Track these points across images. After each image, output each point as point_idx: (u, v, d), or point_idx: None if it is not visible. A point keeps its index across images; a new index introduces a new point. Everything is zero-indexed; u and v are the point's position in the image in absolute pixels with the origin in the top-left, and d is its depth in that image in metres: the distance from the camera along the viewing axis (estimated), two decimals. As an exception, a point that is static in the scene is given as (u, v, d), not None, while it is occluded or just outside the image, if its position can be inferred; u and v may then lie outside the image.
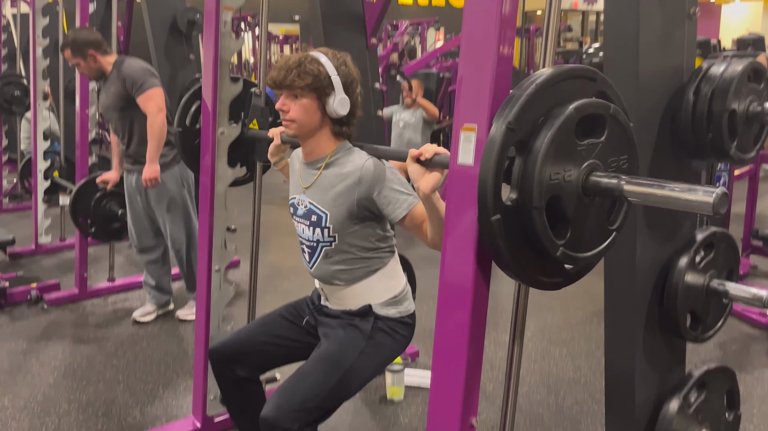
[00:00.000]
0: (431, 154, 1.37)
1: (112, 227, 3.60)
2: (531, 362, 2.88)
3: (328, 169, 1.69)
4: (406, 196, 1.61)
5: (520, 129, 1.06)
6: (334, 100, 1.62)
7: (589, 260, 1.17)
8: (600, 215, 1.16)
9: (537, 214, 1.06)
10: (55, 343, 3.11)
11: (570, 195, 1.09)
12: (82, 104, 3.62)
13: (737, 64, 1.38)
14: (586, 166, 1.10)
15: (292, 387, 1.63)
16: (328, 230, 1.69)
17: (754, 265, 4.04)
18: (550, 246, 1.09)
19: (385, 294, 1.74)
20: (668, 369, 1.66)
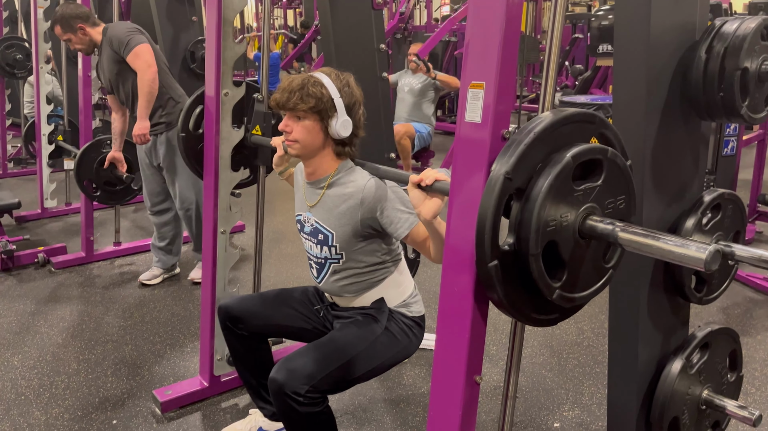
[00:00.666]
0: (431, 180, 1.38)
1: (116, 190, 3.61)
2: (534, 325, 2.90)
3: (331, 189, 1.72)
4: (408, 215, 1.64)
5: (518, 177, 1.08)
6: (336, 122, 1.64)
7: (585, 299, 1.19)
8: (596, 255, 1.18)
9: (534, 261, 1.08)
10: (63, 305, 3.15)
11: (566, 239, 1.11)
12: (85, 67, 3.59)
13: (751, 22, 1.35)
14: (583, 210, 1.11)
15: (306, 355, 1.65)
16: (335, 248, 1.73)
17: (760, 231, 4.03)
18: (547, 290, 1.11)
19: (394, 299, 1.80)
20: (672, 330, 1.66)
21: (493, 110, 1.14)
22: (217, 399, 2.33)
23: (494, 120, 1.14)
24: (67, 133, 4.58)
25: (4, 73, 5.56)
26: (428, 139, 5.60)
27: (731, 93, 1.36)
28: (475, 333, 1.24)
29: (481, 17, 1.16)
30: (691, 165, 1.56)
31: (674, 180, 1.53)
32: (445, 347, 1.30)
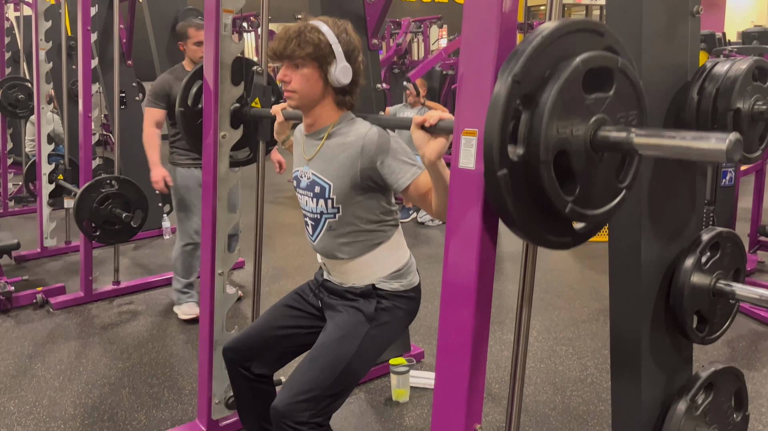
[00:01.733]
0: (436, 119, 1.35)
1: (116, 229, 3.61)
2: (537, 361, 2.86)
3: (331, 139, 1.66)
4: (410, 166, 1.58)
5: (526, 82, 1.03)
6: (335, 69, 1.59)
7: (599, 218, 1.14)
8: (609, 172, 1.13)
9: (545, 169, 1.03)
10: (61, 347, 3.12)
11: (578, 150, 1.06)
12: (85, 107, 3.62)
13: (742, 63, 1.36)
14: (594, 120, 1.07)
15: (299, 377, 1.63)
16: (332, 201, 1.66)
17: (762, 261, 4.01)
18: (559, 203, 1.06)
19: (388, 267, 1.71)
20: (675, 370, 1.64)
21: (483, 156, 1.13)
22: (216, 444, 2.29)
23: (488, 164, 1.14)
24: (67, 171, 4.60)
25: (6, 113, 5.62)
26: (427, 171, 5.63)
27: (725, 133, 1.36)
28: (474, 376, 1.22)
29: (472, 63, 1.17)
30: (689, 203, 1.56)
31: (672, 218, 1.53)
32: (445, 395, 1.28)
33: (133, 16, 4.64)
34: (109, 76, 4.37)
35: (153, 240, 4.96)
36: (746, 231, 3.98)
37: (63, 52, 4.51)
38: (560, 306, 3.49)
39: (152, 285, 3.94)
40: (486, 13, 1.13)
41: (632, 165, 1.15)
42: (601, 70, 1.07)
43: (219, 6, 2.06)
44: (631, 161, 1.15)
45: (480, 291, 1.22)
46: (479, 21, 1.15)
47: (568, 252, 4.51)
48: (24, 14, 6.09)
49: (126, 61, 4.70)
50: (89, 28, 3.61)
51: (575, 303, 3.51)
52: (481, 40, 1.14)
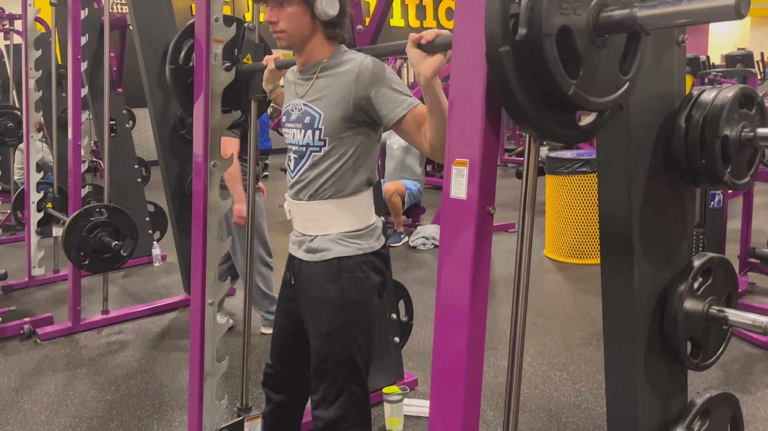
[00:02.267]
0: (432, 35, 1.34)
1: (105, 258, 3.57)
2: (531, 387, 2.84)
3: (324, 72, 1.64)
4: (406, 96, 1.56)
5: None
6: (321, 1, 1.57)
7: (603, 106, 1.12)
8: (613, 62, 1.12)
9: (548, 43, 1.01)
10: (48, 379, 3.07)
11: (581, 31, 1.05)
12: (75, 135, 3.61)
13: (728, 91, 1.38)
14: (597, 1, 1.06)
15: (321, 388, 1.70)
16: (320, 132, 1.62)
17: (753, 282, 4.02)
18: (563, 82, 1.03)
19: (350, 223, 1.67)
20: (670, 396, 1.63)
21: (478, 187, 1.14)
22: (206, 477, 2.24)
23: (480, 196, 1.14)
24: (56, 200, 4.58)
25: (-5, 141, 5.60)
26: (418, 195, 5.64)
27: (713, 160, 1.37)
28: (469, 398, 1.21)
29: (461, 93, 1.18)
30: (680, 229, 1.56)
31: (663, 243, 1.53)
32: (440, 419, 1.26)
33: (123, 44, 4.67)
34: (99, 103, 4.37)
35: (143, 268, 4.93)
36: (736, 252, 3.99)
37: (53, 80, 4.52)
38: (553, 330, 3.48)
39: (142, 314, 3.90)
40: (474, 46, 1.14)
41: (636, 55, 1.14)
42: None
43: (209, 36, 2.06)
44: (635, 49, 1.13)
45: (473, 316, 1.21)
46: (468, 54, 1.15)
47: (560, 276, 4.51)
48: (14, 42, 6.11)
49: (116, 88, 4.71)
50: (79, 57, 3.62)
51: (568, 327, 3.50)
52: (469, 73, 1.15)
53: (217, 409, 2.24)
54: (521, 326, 1.31)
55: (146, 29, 3.85)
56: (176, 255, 4.25)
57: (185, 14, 11.11)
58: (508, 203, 7.12)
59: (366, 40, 2.46)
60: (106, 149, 3.91)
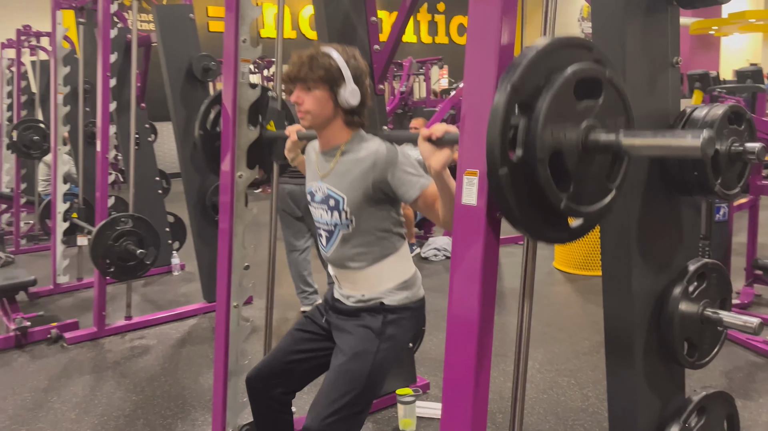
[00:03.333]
0: (441, 132, 1.47)
1: (129, 266, 3.72)
2: (539, 392, 2.94)
3: (344, 156, 1.79)
4: (419, 178, 1.71)
5: (523, 91, 1.15)
6: (345, 91, 1.73)
7: (592, 215, 1.24)
8: (600, 174, 1.24)
9: (541, 167, 1.14)
10: (76, 381, 3.20)
11: (571, 151, 1.17)
12: (103, 147, 3.78)
13: (718, 109, 1.50)
14: (586, 125, 1.18)
15: (324, 400, 1.72)
16: (346, 213, 1.77)
17: (759, 294, 4.10)
18: (554, 198, 1.16)
19: (396, 277, 1.82)
20: (669, 395, 1.73)
21: (488, 194, 1.26)
22: (229, 472, 2.36)
23: (489, 203, 1.27)
24: (81, 210, 4.74)
25: (21, 154, 5.80)
26: (430, 208, 5.75)
27: (704, 173, 1.49)
28: (477, 405, 1.32)
29: (472, 113, 1.30)
30: (676, 236, 1.68)
31: (661, 251, 1.64)
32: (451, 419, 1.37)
33: (148, 61, 4.85)
34: (125, 118, 4.55)
35: (162, 277, 5.08)
36: (742, 265, 4.07)
37: (80, 96, 4.71)
38: (562, 339, 3.57)
39: (163, 320, 4.04)
40: (486, 67, 1.27)
41: (621, 167, 1.26)
42: (590, 79, 1.20)
43: (237, 56, 2.22)
44: (620, 163, 1.26)
45: (482, 323, 1.31)
46: (478, 75, 1.28)
47: (569, 287, 4.61)
48: (39, 59, 6.33)
49: (140, 104, 4.89)
50: (108, 74, 3.80)
51: (577, 336, 3.59)
52: (480, 92, 1.28)
53: (241, 408, 2.36)
54: (526, 333, 1.42)
55: (170, 47, 4.03)
56: (195, 265, 4.40)
57: (202, 30, 11.38)
58: (519, 216, 7.23)
59: (383, 59, 2.61)
60: (132, 161, 4.07)
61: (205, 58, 4.05)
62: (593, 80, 1.20)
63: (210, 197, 4.13)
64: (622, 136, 1.16)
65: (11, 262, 4.11)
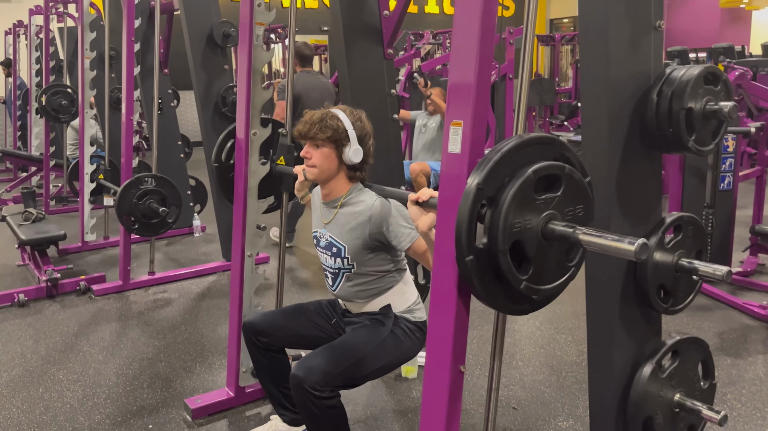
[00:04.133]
0: (427, 197, 1.63)
1: (153, 223, 3.91)
2: (537, 347, 3.09)
3: (344, 208, 2.01)
4: (410, 230, 1.91)
5: (489, 188, 1.30)
6: (349, 150, 1.95)
7: (550, 292, 1.40)
8: (559, 254, 1.38)
9: (502, 256, 1.29)
10: (103, 328, 3.43)
11: (531, 239, 1.32)
12: (128, 110, 3.96)
13: (694, 69, 1.60)
14: (545, 216, 1.33)
15: (321, 355, 1.90)
16: (348, 259, 2.01)
17: (762, 263, 4.17)
18: (515, 282, 1.32)
19: (400, 305, 2.05)
20: (644, 339, 1.86)
21: (470, 143, 1.40)
22: (242, 408, 2.56)
23: (471, 150, 1.40)
24: (107, 172, 4.96)
25: (50, 117, 6.01)
26: (444, 177, 5.87)
27: (679, 129, 1.60)
28: (459, 321, 1.46)
29: (460, 70, 1.43)
30: (654, 191, 1.79)
31: (639, 205, 1.76)
32: (435, 342, 1.53)
33: (170, 27, 5.00)
34: (148, 83, 4.72)
35: (184, 238, 5.30)
36: (746, 234, 4.15)
37: (106, 61, 4.89)
38: (564, 300, 3.68)
39: (184, 276, 4.26)
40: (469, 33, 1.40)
41: (579, 250, 1.41)
42: (550, 175, 1.34)
43: (252, 19, 2.35)
44: (578, 248, 1.40)
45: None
46: (463, 38, 1.41)
47: (576, 254, 4.72)
48: (67, 26, 6.51)
49: (163, 69, 5.05)
50: (133, 39, 3.95)
51: (578, 298, 3.69)
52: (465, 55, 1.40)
53: (253, 349, 2.55)
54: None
55: (192, 14, 4.16)
56: (215, 226, 4.60)
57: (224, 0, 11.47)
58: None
59: (392, 24, 2.72)
60: (155, 125, 4.24)
61: (225, 25, 4.18)
62: (553, 176, 1.34)
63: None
64: (578, 232, 1.29)
65: (42, 218, 4.34)
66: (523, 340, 3.17)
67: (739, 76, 3.76)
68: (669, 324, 3.21)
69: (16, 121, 8.54)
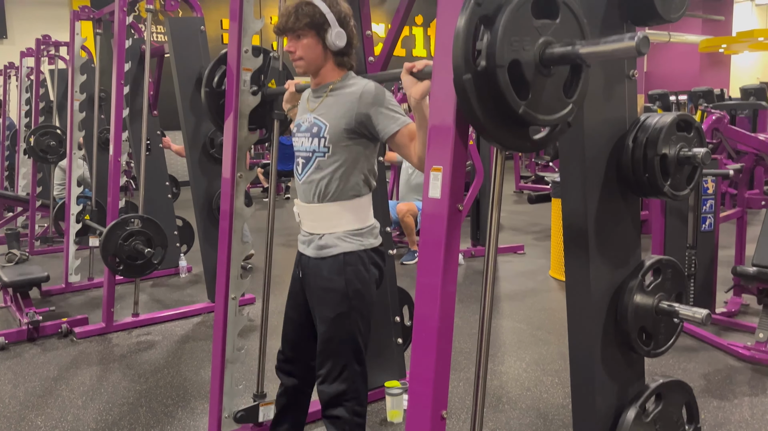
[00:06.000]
0: (423, 65, 1.63)
1: (138, 264, 3.90)
2: (524, 389, 3.07)
3: (333, 92, 1.96)
4: (400, 115, 1.87)
5: (486, 6, 1.29)
6: (331, 34, 1.91)
7: (550, 123, 1.37)
8: (558, 88, 1.36)
9: (501, 72, 1.25)
10: (84, 371, 3.37)
11: (529, 63, 1.29)
12: (116, 151, 3.98)
13: (667, 117, 1.65)
14: (543, 40, 1.31)
15: (324, 366, 1.98)
16: (325, 140, 1.93)
17: (746, 304, 4.20)
18: (513, 103, 1.28)
19: (352, 223, 1.97)
20: (627, 382, 1.87)
21: (449, 189, 1.42)
22: (224, 454, 2.51)
23: (451, 196, 1.42)
24: (93, 212, 4.95)
25: (38, 158, 6.02)
26: (431, 217, 5.90)
27: (654, 175, 1.64)
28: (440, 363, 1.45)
29: (438, 115, 1.46)
30: (633, 233, 1.82)
31: (617, 246, 1.79)
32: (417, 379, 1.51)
33: (160, 70, 5.07)
34: (137, 124, 4.75)
35: (170, 279, 5.26)
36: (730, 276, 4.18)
37: (96, 103, 4.93)
38: (551, 341, 3.70)
39: (169, 318, 4.21)
40: (448, 76, 1.43)
41: (578, 83, 1.39)
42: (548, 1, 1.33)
43: (239, 65, 2.39)
44: (577, 80, 1.38)
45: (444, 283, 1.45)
46: (443, 83, 1.44)
47: (562, 294, 4.73)
48: (58, 68, 6.58)
49: (152, 111, 5.10)
50: (122, 82, 4.00)
51: (565, 339, 3.68)
52: (444, 100, 1.44)
53: (236, 394, 2.52)
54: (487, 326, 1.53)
55: (182, 57, 4.23)
56: (201, 267, 4.58)
57: (216, 43, 11.67)
58: (520, 227, 7.37)
59: (377, 69, 2.77)
60: (142, 166, 4.26)
61: (214, 68, 4.24)
62: (551, 1, 1.34)
63: (216, 201, 4.31)
64: (578, 46, 1.28)
65: (26, 260, 4.30)
66: (510, 382, 3.15)
67: (716, 120, 3.86)
68: (654, 366, 3.21)
69: (3, 162, 8.53)
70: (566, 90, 1.40)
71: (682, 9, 1.66)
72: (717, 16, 16.90)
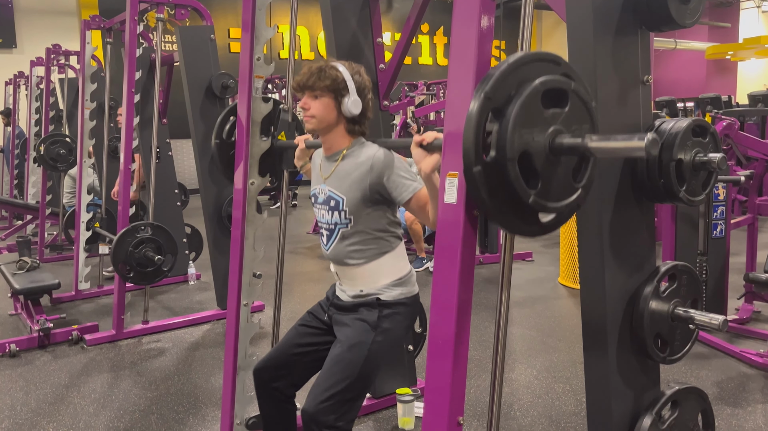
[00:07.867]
0: (432, 138, 1.64)
1: (148, 271, 3.91)
2: (535, 397, 3.05)
3: (345, 161, 1.96)
4: (411, 182, 1.88)
5: (496, 99, 1.29)
6: (348, 101, 1.92)
7: (559, 209, 1.37)
8: (567, 173, 1.37)
9: (511, 165, 1.27)
10: (94, 378, 3.38)
11: (539, 153, 1.31)
12: (126, 160, 3.99)
13: (683, 122, 1.65)
14: (552, 130, 1.32)
15: (321, 384, 1.87)
16: (345, 213, 1.94)
17: (758, 310, 4.17)
18: (523, 194, 1.30)
19: (392, 274, 1.97)
20: (643, 389, 1.86)
21: (466, 193, 1.42)
22: (236, 462, 2.50)
23: (467, 201, 1.42)
24: (103, 220, 4.97)
25: (48, 166, 6.06)
26: (439, 224, 5.90)
27: (669, 180, 1.63)
28: (457, 370, 1.45)
29: (454, 122, 1.47)
30: (648, 239, 1.81)
31: (632, 253, 1.78)
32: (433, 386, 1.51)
33: (170, 78, 5.10)
34: (147, 132, 4.78)
35: (179, 286, 5.27)
36: (742, 282, 4.15)
37: (106, 111, 4.96)
38: (561, 349, 3.68)
39: (179, 325, 4.22)
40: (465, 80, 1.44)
41: (587, 168, 1.40)
42: (557, 90, 1.34)
43: (252, 72, 2.41)
44: (586, 165, 1.39)
45: (461, 289, 1.46)
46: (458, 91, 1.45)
47: (571, 301, 4.71)
48: (68, 77, 6.63)
49: (162, 119, 5.13)
50: (133, 90, 4.03)
51: (575, 346, 3.70)
52: (459, 106, 1.44)
53: (248, 401, 2.51)
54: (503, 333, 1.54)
55: (192, 66, 4.26)
56: (210, 274, 4.59)
57: (223, 51, 11.74)
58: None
59: (387, 77, 2.79)
60: (153, 174, 4.28)
61: (223, 76, 4.27)
62: (559, 91, 1.35)
63: (225, 208, 4.32)
64: (587, 139, 1.29)
65: (36, 267, 4.32)
66: (521, 390, 3.14)
67: (726, 126, 3.84)
68: (667, 373, 3.19)
69: (13, 170, 8.59)
70: (575, 174, 1.40)
71: (696, 14, 1.67)
72: (723, 23, 16.88)
